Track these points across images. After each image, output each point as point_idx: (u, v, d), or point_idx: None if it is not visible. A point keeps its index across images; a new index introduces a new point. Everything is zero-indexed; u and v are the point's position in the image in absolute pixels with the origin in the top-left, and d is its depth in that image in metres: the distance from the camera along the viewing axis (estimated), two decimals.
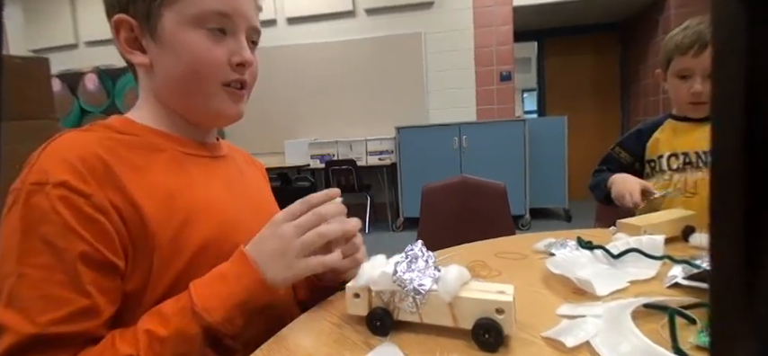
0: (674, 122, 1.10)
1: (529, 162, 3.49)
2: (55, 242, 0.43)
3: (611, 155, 1.19)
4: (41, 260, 0.42)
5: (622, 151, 1.16)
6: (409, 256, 0.49)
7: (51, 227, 0.43)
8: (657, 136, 1.11)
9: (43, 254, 0.42)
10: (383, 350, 0.44)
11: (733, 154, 0.12)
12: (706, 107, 1.02)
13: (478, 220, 1.51)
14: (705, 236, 0.22)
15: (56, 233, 0.43)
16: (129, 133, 0.54)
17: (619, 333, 0.44)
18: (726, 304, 0.13)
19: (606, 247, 0.70)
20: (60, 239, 0.43)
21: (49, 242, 0.43)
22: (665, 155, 1.08)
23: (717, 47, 0.12)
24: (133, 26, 0.53)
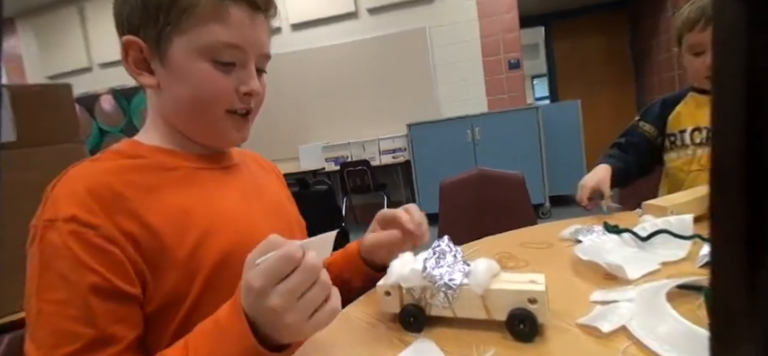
0: (696, 95, 1.07)
1: (545, 149, 3.44)
2: (68, 276, 0.44)
3: (635, 129, 1.14)
4: (56, 295, 0.44)
5: (646, 124, 1.12)
6: (437, 252, 0.49)
7: (64, 262, 0.44)
8: (680, 109, 1.08)
9: (58, 290, 0.44)
10: (420, 346, 0.44)
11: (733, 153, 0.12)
12: None
13: (498, 212, 1.50)
14: None
15: (68, 267, 0.44)
16: (139, 156, 0.54)
17: (655, 315, 0.43)
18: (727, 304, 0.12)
19: (634, 230, 0.69)
20: (72, 273, 0.44)
21: (63, 276, 0.44)
22: (687, 130, 1.05)
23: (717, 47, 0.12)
24: (142, 48, 0.53)
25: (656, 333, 0.40)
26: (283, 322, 0.39)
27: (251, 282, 0.39)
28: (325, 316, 0.41)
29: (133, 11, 0.52)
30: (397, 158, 3.87)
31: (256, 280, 0.39)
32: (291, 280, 0.39)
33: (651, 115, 1.13)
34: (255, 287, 0.39)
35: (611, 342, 0.41)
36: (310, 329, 0.41)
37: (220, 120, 0.56)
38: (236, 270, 0.52)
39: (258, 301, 0.39)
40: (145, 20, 0.51)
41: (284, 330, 0.41)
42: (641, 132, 1.13)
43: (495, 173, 1.60)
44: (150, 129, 0.59)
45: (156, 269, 0.48)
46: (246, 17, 0.53)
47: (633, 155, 1.10)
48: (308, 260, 0.40)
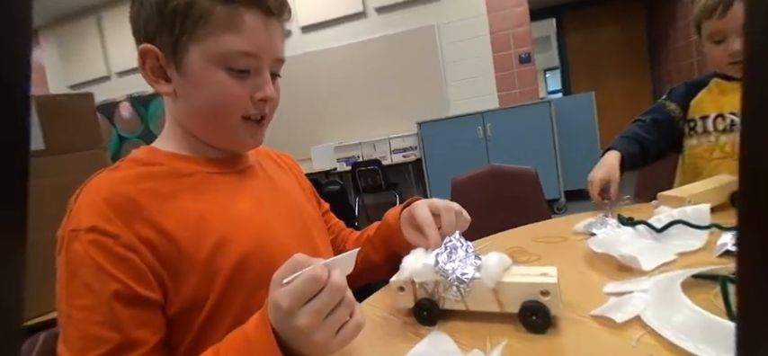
0: (721, 82, 1.04)
1: (558, 143, 3.40)
2: (91, 284, 0.46)
3: (661, 107, 1.10)
4: (82, 302, 0.46)
5: (672, 103, 1.09)
6: (448, 247, 0.50)
7: (87, 270, 0.46)
8: (702, 95, 1.05)
9: (84, 297, 0.46)
10: (434, 338, 0.45)
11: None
12: None
13: (512, 208, 1.49)
14: None
15: (91, 275, 0.46)
16: (155, 163, 0.55)
17: (669, 305, 0.43)
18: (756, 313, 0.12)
19: (648, 222, 0.68)
20: (95, 281, 0.46)
21: (87, 284, 0.46)
22: (710, 116, 1.02)
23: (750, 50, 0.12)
24: (159, 56, 0.54)
25: (670, 323, 0.40)
26: (311, 340, 0.40)
27: (279, 302, 0.40)
28: (351, 333, 0.43)
29: (149, 19, 0.53)
30: (409, 157, 3.87)
31: (284, 301, 0.40)
32: (318, 301, 0.40)
33: (677, 95, 1.09)
34: (283, 307, 0.40)
35: (624, 332, 0.41)
36: (336, 346, 0.42)
37: (236, 126, 0.57)
38: (254, 273, 0.54)
39: (286, 320, 0.40)
40: (160, 28, 0.52)
41: (311, 347, 0.41)
42: (667, 111, 1.09)
43: (507, 168, 1.60)
44: (167, 135, 0.60)
45: (175, 274, 0.50)
46: (260, 23, 0.54)
47: (655, 134, 1.06)
48: (333, 280, 0.40)
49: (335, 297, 0.41)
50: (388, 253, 0.70)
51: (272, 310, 0.41)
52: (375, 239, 0.71)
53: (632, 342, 0.39)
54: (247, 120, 0.58)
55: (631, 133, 1.08)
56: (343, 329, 0.42)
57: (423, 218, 0.60)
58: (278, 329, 0.42)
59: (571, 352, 0.40)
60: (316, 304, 0.40)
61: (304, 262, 0.41)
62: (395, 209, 0.69)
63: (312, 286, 0.40)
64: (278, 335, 0.41)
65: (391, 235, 0.68)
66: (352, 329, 0.43)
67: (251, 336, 0.43)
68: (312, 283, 0.40)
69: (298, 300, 0.40)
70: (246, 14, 0.52)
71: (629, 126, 1.12)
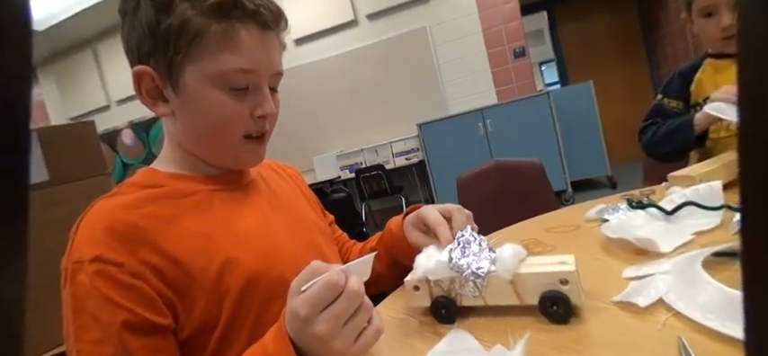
0: (713, 61, 1.04)
1: (561, 134, 3.39)
2: (99, 316, 0.44)
3: (662, 107, 1.09)
4: (91, 335, 0.44)
5: (672, 101, 1.08)
6: (461, 242, 0.49)
7: (94, 302, 0.44)
8: (700, 77, 1.05)
9: (92, 330, 0.44)
10: (454, 336, 0.44)
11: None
12: None
13: (519, 202, 1.48)
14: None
15: (98, 307, 0.44)
16: (155, 185, 0.54)
17: (693, 284, 0.42)
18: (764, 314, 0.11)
19: (659, 205, 0.67)
20: (103, 312, 0.44)
21: (95, 316, 0.44)
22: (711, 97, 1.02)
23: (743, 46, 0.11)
24: (154, 77, 0.52)
25: (696, 303, 0.39)
26: (330, 348, 0.40)
27: (296, 310, 0.40)
28: (371, 339, 0.42)
29: (142, 40, 0.51)
30: (411, 159, 3.87)
31: (302, 309, 0.39)
32: (336, 307, 0.39)
33: (673, 90, 1.09)
34: (301, 315, 0.39)
35: (649, 316, 0.40)
36: (356, 352, 0.41)
37: (237, 145, 0.56)
38: (264, 289, 0.53)
39: (304, 329, 0.40)
40: (154, 49, 0.51)
41: (330, 354, 0.41)
42: (669, 109, 1.09)
43: (511, 162, 1.59)
44: (166, 155, 0.59)
45: (184, 297, 0.49)
46: (257, 38, 0.52)
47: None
48: (351, 286, 0.40)
49: (354, 303, 0.40)
50: (391, 262, 0.69)
51: (291, 319, 0.41)
52: (378, 248, 0.70)
53: (658, 326, 0.38)
54: (248, 139, 0.57)
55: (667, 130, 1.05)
56: (363, 335, 0.41)
57: (434, 220, 0.58)
58: (296, 339, 0.41)
59: (597, 341, 0.39)
60: (334, 310, 0.39)
61: (321, 269, 0.41)
62: (397, 218, 0.68)
63: (330, 292, 0.39)
64: (296, 346, 0.41)
65: (394, 243, 0.67)
66: (372, 335, 0.42)
67: (269, 349, 0.43)
68: (329, 289, 0.39)
69: (315, 307, 0.39)
70: (243, 30, 0.51)
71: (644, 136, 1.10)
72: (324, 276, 0.40)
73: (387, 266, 0.70)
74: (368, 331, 0.42)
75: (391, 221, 0.69)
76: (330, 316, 0.39)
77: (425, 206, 0.61)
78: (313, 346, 0.41)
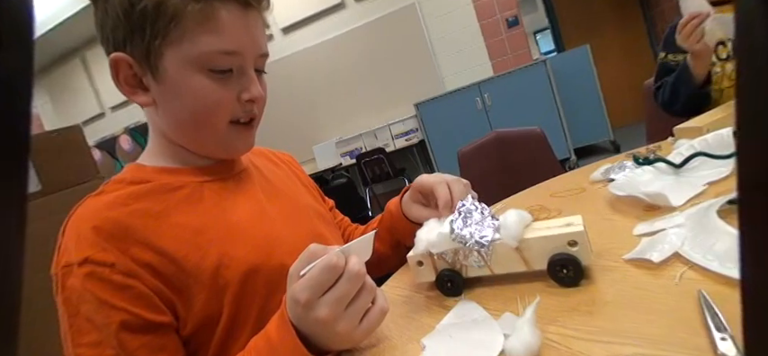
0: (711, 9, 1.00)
1: (560, 102, 3.33)
2: (95, 319, 0.43)
3: (666, 65, 1.09)
4: (89, 338, 0.43)
5: (676, 55, 1.06)
6: (463, 212, 0.47)
7: (88, 306, 0.43)
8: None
9: (89, 333, 0.43)
10: (462, 307, 0.43)
11: None
12: None
13: (523, 172, 1.46)
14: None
15: (93, 310, 0.43)
16: (142, 181, 0.51)
17: (709, 234, 0.40)
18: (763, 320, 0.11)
19: (667, 159, 0.65)
20: (98, 315, 0.43)
21: (91, 320, 0.43)
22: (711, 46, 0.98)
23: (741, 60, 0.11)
24: (132, 64, 0.49)
25: (713, 253, 0.37)
26: (334, 332, 0.39)
27: (297, 296, 0.38)
28: (375, 320, 0.41)
29: (116, 25, 0.48)
30: (411, 140, 3.83)
31: (302, 294, 0.38)
32: (337, 290, 0.38)
33: (671, 44, 1.05)
34: (302, 300, 0.38)
35: (664, 271, 0.38)
36: (361, 335, 0.40)
37: (224, 132, 0.53)
38: (265, 280, 0.51)
39: (306, 314, 0.39)
40: (130, 34, 0.48)
41: (335, 339, 0.40)
42: (674, 65, 1.06)
43: (512, 132, 1.56)
44: (152, 149, 0.57)
45: (182, 293, 0.47)
46: (238, 17, 0.49)
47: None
48: (351, 267, 0.39)
49: (355, 284, 0.39)
50: (394, 243, 0.68)
51: (292, 305, 0.40)
52: (380, 230, 0.68)
53: (675, 280, 0.36)
54: (236, 124, 0.54)
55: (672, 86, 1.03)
56: (367, 317, 0.40)
57: (431, 182, 0.56)
58: (299, 325, 0.40)
59: (611, 300, 0.37)
60: (335, 293, 0.38)
61: (319, 252, 0.39)
62: (395, 198, 0.66)
63: (329, 275, 0.38)
64: (300, 332, 0.39)
65: (394, 223, 0.65)
66: (377, 316, 0.41)
67: (273, 338, 0.42)
68: (329, 272, 0.38)
69: (315, 292, 0.38)
70: (222, 10, 0.48)
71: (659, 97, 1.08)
72: (322, 259, 0.38)
73: (390, 247, 0.69)
74: (372, 312, 0.41)
75: (390, 202, 0.67)
76: (331, 300, 0.38)
77: (422, 175, 0.59)
78: (316, 331, 0.39)
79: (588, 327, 0.34)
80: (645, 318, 0.33)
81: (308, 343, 0.40)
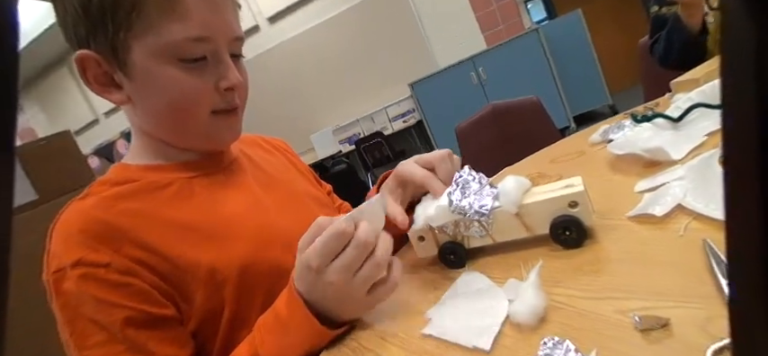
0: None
1: (556, 70, 3.30)
2: (97, 319, 0.42)
3: (659, 18, 1.06)
4: (94, 340, 0.42)
5: (666, 9, 1.04)
6: (460, 183, 0.46)
7: (87, 307, 0.42)
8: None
9: (94, 334, 0.42)
10: (466, 278, 0.42)
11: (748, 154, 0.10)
12: None
13: (522, 142, 1.44)
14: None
15: (93, 310, 0.42)
16: (128, 181, 0.50)
17: (711, 184, 0.39)
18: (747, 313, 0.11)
19: (665, 114, 0.64)
20: (100, 314, 0.42)
21: (93, 320, 0.42)
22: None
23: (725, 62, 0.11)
24: (100, 61, 0.46)
25: (717, 201, 0.36)
26: (343, 298, 0.39)
27: (308, 262, 0.39)
28: (384, 291, 0.41)
29: (77, 21, 0.45)
30: (409, 121, 3.81)
31: (313, 261, 0.38)
32: (345, 256, 0.38)
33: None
34: (313, 266, 0.38)
35: (668, 224, 0.38)
36: (369, 304, 0.40)
37: (206, 124, 0.51)
38: (264, 272, 0.50)
39: (316, 281, 0.39)
40: (92, 29, 0.45)
41: (343, 306, 0.40)
42: (665, 17, 1.04)
43: (508, 103, 1.54)
44: (136, 148, 0.54)
45: (180, 290, 0.46)
46: (204, 0, 0.46)
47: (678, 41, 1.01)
48: (360, 234, 0.38)
49: (362, 251, 0.38)
50: None
51: (303, 273, 0.40)
52: None
53: (679, 232, 0.36)
54: (218, 114, 0.51)
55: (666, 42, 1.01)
56: (377, 287, 0.40)
57: (421, 177, 0.49)
58: (308, 296, 0.40)
59: (615, 258, 0.36)
60: (343, 260, 0.38)
61: (326, 223, 0.39)
62: (372, 190, 0.63)
63: (337, 241, 0.38)
64: (310, 304, 0.40)
65: None
66: (386, 287, 0.41)
67: (282, 314, 0.41)
68: (337, 238, 0.38)
69: (325, 258, 0.38)
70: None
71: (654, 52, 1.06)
72: (332, 225, 0.38)
73: None
74: (382, 283, 0.41)
75: (368, 194, 0.65)
76: (340, 266, 0.38)
77: (402, 163, 0.52)
78: (327, 296, 0.39)
79: (594, 286, 0.34)
80: (650, 272, 0.32)
81: (319, 316, 0.40)
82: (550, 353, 0.27)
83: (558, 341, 0.28)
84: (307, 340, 0.41)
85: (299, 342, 0.41)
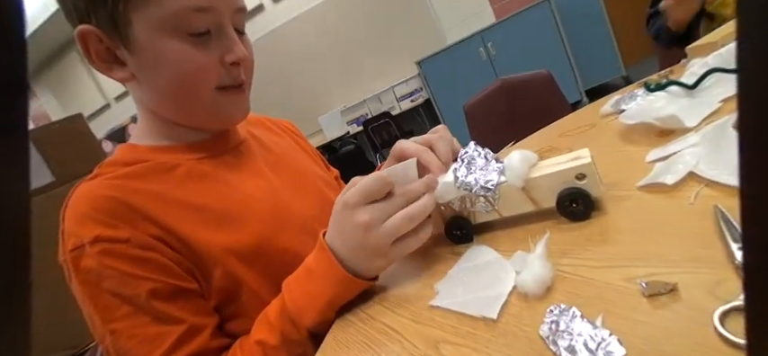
0: None
1: (568, 43, 3.21)
2: (121, 292, 0.42)
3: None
4: (121, 312, 0.42)
5: None
6: (465, 159, 0.46)
7: (111, 282, 0.42)
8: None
9: (120, 307, 0.42)
10: (473, 251, 0.43)
11: None
12: None
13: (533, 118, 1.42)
14: None
15: (117, 284, 0.42)
16: (137, 161, 0.50)
17: (726, 150, 0.38)
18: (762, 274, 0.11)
19: (679, 81, 0.62)
20: (125, 288, 0.42)
21: (117, 294, 0.42)
22: None
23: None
24: (101, 37, 0.46)
25: (730, 167, 0.36)
26: (368, 241, 0.40)
27: (345, 200, 0.41)
28: (408, 244, 0.42)
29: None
30: (416, 100, 3.78)
31: (352, 197, 0.41)
32: (387, 204, 0.41)
33: None
34: (351, 202, 0.41)
35: (679, 192, 0.37)
36: (394, 253, 0.42)
37: (213, 100, 0.50)
38: (278, 254, 0.50)
39: (350, 216, 0.41)
40: (90, 3, 0.44)
41: (367, 251, 0.41)
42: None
43: (518, 78, 1.51)
44: (142, 128, 0.54)
45: (197, 268, 0.46)
46: None
47: None
48: (407, 186, 0.42)
49: (400, 200, 0.41)
50: None
51: (336, 211, 0.42)
52: None
53: (690, 200, 0.35)
54: (224, 90, 0.51)
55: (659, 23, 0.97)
56: (405, 238, 0.42)
57: (415, 150, 0.49)
58: (334, 240, 0.42)
59: (624, 228, 0.36)
60: (379, 204, 0.41)
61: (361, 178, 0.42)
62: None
63: (379, 185, 0.41)
64: (334, 252, 0.42)
65: None
66: (412, 240, 0.42)
67: (310, 264, 0.44)
68: (379, 181, 0.41)
69: (364, 197, 0.41)
70: None
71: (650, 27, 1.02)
72: (376, 173, 0.41)
73: None
74: (410, 235, 0.42)
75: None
76: (374, 208, 0.41)
77: (400, 141, 0.52)
78: (350, 241, 0.41)
79: (601, 256, 0.34)
80: (660, 240, 0.32)
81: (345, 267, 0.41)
82: (557, 320, 0.27)
83: (564, 308, 0.28)
84: (330, 286, 0.42)
85: (322, 290, 0.42)
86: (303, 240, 0.51)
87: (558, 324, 0.27)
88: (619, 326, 0.25)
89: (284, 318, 0.43)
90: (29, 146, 0.10)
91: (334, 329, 0.42)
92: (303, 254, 0.46)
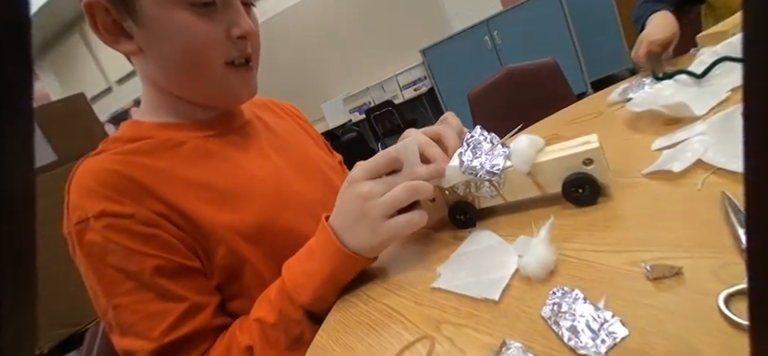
0: None
1: (575, 33, 3.16)
2: (125, 267, 0.42)
3: None
4: (123, 287, 0.42)
5: None
6: (471, 143, 0.45)
7: (115, 256, 0.42)
8: None
9: (123, 282, 0.42)
10: (476, 236, 0.43)
11: None
12: None
13: (538, 107, 1.40)
14: None
15: (121, 259, 0.42)
16: (141, 138, 0.49)
17: (734, 138, 0.38)
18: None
19: (688, 70, 0.61)
20: (128, 263, 0.42)
21: (121, 268, 0.42)
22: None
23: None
24: (109, 9, 0.45)
25: (738, 154, 0.35)
26: (364, 213, 0.41)
27: (353, 175, 0.43)
28: (402, 223, 0.41)
29: None
30: (420, 89, 3.75)
31: (358, 173, 0.43)
32: (388, 178, 0.42)
33: None
34: (356, 177, 0.43)
35: (685, 179, 0.37)
36: (386, 231, 0.41)
37: (221, 76, 0.50)
38: (280, 235, 0.50)
39: (352, 188, 0.42)
40: None
41: (365, 220, 0.41)
42: None
43: (524, 66, 1.50)
44: (147, 103, 0.54)
45: (201, 246, 0.47)
46: None
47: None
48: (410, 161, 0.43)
49: (400, 177, 0.43)
50: None
51: (345, 187, 0.44)
52: None
53: (697, 187, 0.35)
54: (232, 66, 0.50)
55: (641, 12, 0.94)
56: (398, 217, 0.42)
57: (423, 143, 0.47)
58: (335, 216, 0.43)
59: (630, 214, 0.36)
60: (381, 179, 0.42)
61: None
62: None
63: (387, 161, 0.43)
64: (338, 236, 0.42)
65: None
66: (406, 220, 0.42)
67: (311, 243, 0.45)
68: (386, 157, 0.43)
69: (370, 172, 0.42)
70: None
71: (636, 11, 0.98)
72: (385, 150, 0.43)
73: None
74: (406, 215, 0.42)
75: None
76: (375, 181, 0.42)
77: (409, 129, 0.52)
78: (351, 210, 0.42)
79: (605, 240, 0.33)
80: (666, 225, 0.32)
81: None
82: (559, 302, 0.27)
83: (566, 290, 0.28)
84: (327, 262, 0.42)
85: (319, 266, 0.42)
86: (306, 221, 0.51)
87: (560, 306, 0.27)
88: (622, 309, 0.25)
89: (283, 296, 0.43)
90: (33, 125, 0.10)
91: (336, 310, 0.43)
92: (306, 236, 0.46)
